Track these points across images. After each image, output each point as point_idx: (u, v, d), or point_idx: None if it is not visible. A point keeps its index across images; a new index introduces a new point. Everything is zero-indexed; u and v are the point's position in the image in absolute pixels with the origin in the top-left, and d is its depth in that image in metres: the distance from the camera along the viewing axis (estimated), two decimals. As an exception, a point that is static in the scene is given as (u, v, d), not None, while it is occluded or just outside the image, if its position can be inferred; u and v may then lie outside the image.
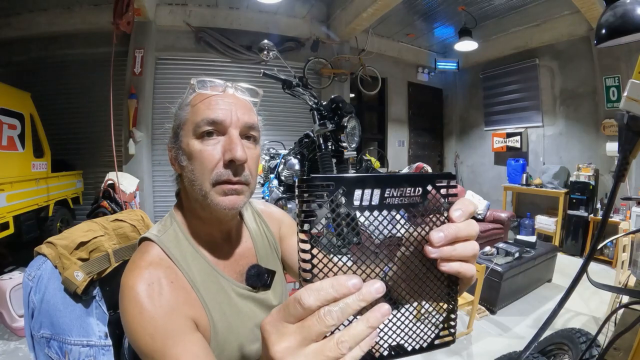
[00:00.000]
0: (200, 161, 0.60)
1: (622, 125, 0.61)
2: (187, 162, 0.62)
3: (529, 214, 4.88)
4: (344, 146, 1.86)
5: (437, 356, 2.11)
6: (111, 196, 3.48)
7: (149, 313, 0.54)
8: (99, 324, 0.79)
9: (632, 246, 2.34)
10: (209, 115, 0.60)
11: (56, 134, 4.18)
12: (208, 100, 0.62)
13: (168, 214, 0.71)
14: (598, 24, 0.65)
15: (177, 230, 0.66)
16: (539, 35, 4.94)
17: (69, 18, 4.29)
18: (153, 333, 0.53)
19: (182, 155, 0.63)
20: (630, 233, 2.17)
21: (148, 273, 0.58)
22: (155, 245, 0.62)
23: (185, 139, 0.62)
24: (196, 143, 0.61)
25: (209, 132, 0.61)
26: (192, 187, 0.62)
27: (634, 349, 0.81)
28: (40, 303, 0.73)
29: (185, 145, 0.62)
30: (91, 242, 0.81)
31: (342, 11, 4.96)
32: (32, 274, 0.75)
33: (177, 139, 0.65)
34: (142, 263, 0.59)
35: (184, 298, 0.59)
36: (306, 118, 2.11)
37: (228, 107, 0.62)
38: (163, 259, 0.61)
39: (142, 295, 0.55)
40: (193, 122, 0.61)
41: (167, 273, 0.59)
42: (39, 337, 0.73)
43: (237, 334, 0.65)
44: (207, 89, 0.64)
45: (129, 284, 0.56)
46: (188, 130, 0.62)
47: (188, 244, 0.65)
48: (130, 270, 0.59)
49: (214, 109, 0.61)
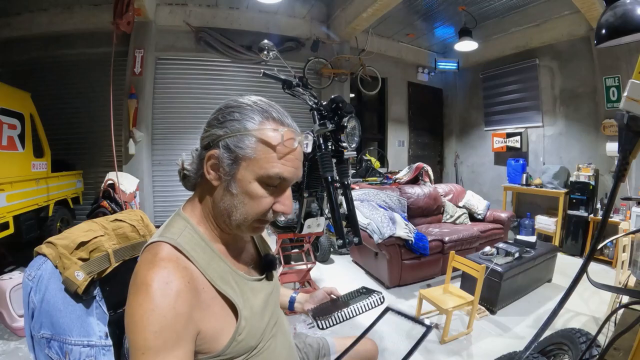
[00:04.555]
0: (256, 203, 0.65)
1: (622, 125, 0.61)
2: (240, 194, 0.65)
3: (529, 214, 4.88)
4: (344, 146, 1.86)
5: (437, 356, 2.11)
6: (111, 196, 3.48)
7: (161, 311, 0.55)
8: (100, 324, 0.79)
9: (632, 246, 2.34)
10: (283, 173, 0.64)
11: (56, 134, 4.17)
12: (288, 156, 0.65)
13: (177, 217, 0.70)
14: (598, 24, 0.65)
15: (192, 233, 0.67)
16: (539, 35, 4.94)
17: (69, 18, 4.29)
18: (158, 331, 0.54)
19: (234, 184, 0.65)
20: (630, 233, 2.17)
21: (166, 272, 0.58)
22: (169, 246, 0.63)
23: (247, 176, 0.64)
24: (258, 187, 0.65)
25: (274, 184, 0.66)
26: (230, 211, 0.66)
27: (634, 349, 0.81)
28: (40, 303, 0.73)
29: (246, 182, 0.64)
30: (91, 242, 0.81)
31: (342, 11, 4.96)
32: (32, 274, 0.75)
33: (234, 164, 0.64)
34: (160, 261, 0.60)
35: (197, 301, 0.61)
36: (306, 118, 2.10)
37: (296, 166, 0.67)
38: (180, 258, 0.62)
39: (157, 293, 0.56)
40: (264, 169, 0.63)
41: (184, 273, 0.60)
42: (39, 337, 0.73)
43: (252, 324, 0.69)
44: (277, 127, 0.65)
45: (145, 280, 0.57)
46: (254, 170, 0.64)
47: (205, 245, 0.68)
48: (146, 266, 0.59)
49: (288, 168, 0.65)
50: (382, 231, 2.94)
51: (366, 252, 3.38)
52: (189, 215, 0.70)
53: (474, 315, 2.38)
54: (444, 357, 2.11)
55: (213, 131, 0.65)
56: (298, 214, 2.23)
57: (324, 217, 2.25)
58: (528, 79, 5.19)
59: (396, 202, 3.70)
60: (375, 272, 3.35)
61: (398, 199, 3.77)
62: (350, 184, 1.94)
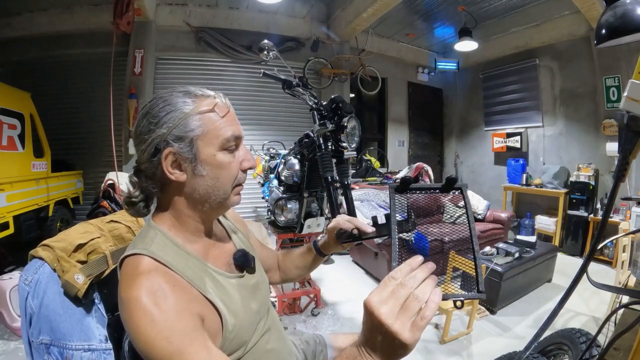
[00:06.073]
0: (227, 171, 0.67)
1: (622, 125, 0.61)
2: (210, 172, 0.66)
3: (529, 214, 4.88)
4: (344, 146, 1.86)
5: (437, 356, 2.11)
6: (111, 196, 3.47)
7: (161, 318, 0.54)
8: (99, 327, 0.78)
9: (632, 246, 2.33)
10: (235, 132, 0.67)
11: (56, 134, 4.17)
12: (229, 116, 0.68)
13: (147, 227, 0.69)
14: (598, 24, 0.65)
15: (163, 239, 0.66)
16: (539, 35, 4.94)
17: (69, 18, 4.29)
18: (169, 335, 0.53)
19: (200, 166, 0.65)
20: (630, 233, 2.17)
21: (148, 281, 0.57)
22: (144, 257, 0.61)
23: (210, 150, 0.65)
24: (223, 155, 0.67)
25: (232, 146, 0.68)
26: (209, 193, 0.67)
27: (634, 349, 0.81)
28: (39, 308, 0.72)
29: (211, 156, 0.66)
30: (89, 244, 0.80)
31: (342, 11, 4.96)
32: (28, 278, 0.73)
33: (192, 148, 0.64)
34: (139, 274, 0.58)
35: (188, 297, 0.60)
36: (306, 118, 2.11)
37: (238, 123, 0.70)
38: (158, 266, 0.61)
39: (149, 304, 0.54)
40: (220, 136, 0.66)
41: (166, 279, 0.59)
42: (38, 343, 0.71)
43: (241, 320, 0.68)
44: (206, 98, 0.68)
45: (132, 296, 0.55)
46: (212, 142, 0.65)
47: (178, 248, 0.66)
48: (128, 283, 0.58)
49: (235, 125, 0.68)
50: (382, 231, 2.94)
51: (366, 252, 3.38)
52: (158, 223, 0.69)
53: (474, 315, 2.38)
54: (444, 357, 2.11)
55: (154, 135, 0.63)
56: (298, 214, 2.23)
57: (324, 217, 2.25)
58: (528, 79, 5.19)
59: (396, 202, 3.70)
60: (375, 272, 3.35)
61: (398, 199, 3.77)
62: (350, 184, 1.94)
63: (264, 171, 3.27)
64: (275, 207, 2.31)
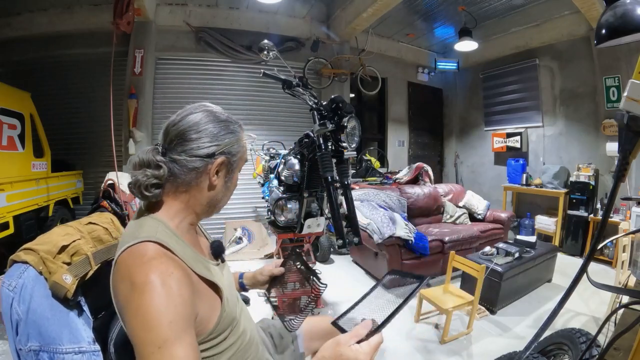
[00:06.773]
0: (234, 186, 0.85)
1: (622, 125, 0.61)
2: (232, 185, 0.83)
3: (529, 214, 4.88)
4: (344, 146, 1.86)
5: (437, 356, 2.11)
6: (111, 196, 3.47)
7: (172, 301, 0.58)
8: (87, 329, 0.77)
9: (632, 246, 2.34)
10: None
11: (56, 134, 4.17)
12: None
13: (145, 218, 0.74)
14: (598, 24, 0.65)
15: (165, 229, 0.72)
16: (539, 35, 4.94)
17: (69, 18, 4.29)
18: (173, 320, 0.57)
19: (230, 180, 0.82)
20: (630, 233, 2.17)
21: (163, 266, 0.62)
22: (151, 243, 0.65)
23: (237, 172, 0.84)
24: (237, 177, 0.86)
25: None
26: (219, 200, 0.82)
27: (634, 349, 0.81)
28: (26, 313, 0.69)
29: (236, 176, 0.84)
30: (71, 245, 0.79)
31: (342, 11, 4.96)
32: (12, 284, 0.70)
33: (235, 166, 0.81)
34: (151, 258, 0.63)
35: (193, 286, 0.67)
36: (306, 118, 2.11)
37: None
38: (166, 252, 0.66)
39: (164, 287, 0.59)
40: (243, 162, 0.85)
41: (176, 264, 0.65)
42: (27, 350, 0.68)
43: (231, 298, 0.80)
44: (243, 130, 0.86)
45: (147, 279, 0.59)
46: (239, 166, 0.84)
47: (178, 238, 0.73)
48: (141, 267, 0.61)
49: None
50: (382, 231, 2.94)
51: (366, 252, 3.38)
52: (158, 215, 0.75)
53: (474, 315, 2.38)
54: (444, 357, 2.11)
55: (225, 140, 0.77)
56: (298, 214, 2.23)
57: (324, 217, 2.25)
58: (528, 79, 5.19)
59: (396, 202, 3.70)
60: (375, 272, 3.35)
61: (398, 199, 3.77)
62: (350, 184, 1.94)
63: (264, 171, 3.27)
64: (275, 207, 2.31)
